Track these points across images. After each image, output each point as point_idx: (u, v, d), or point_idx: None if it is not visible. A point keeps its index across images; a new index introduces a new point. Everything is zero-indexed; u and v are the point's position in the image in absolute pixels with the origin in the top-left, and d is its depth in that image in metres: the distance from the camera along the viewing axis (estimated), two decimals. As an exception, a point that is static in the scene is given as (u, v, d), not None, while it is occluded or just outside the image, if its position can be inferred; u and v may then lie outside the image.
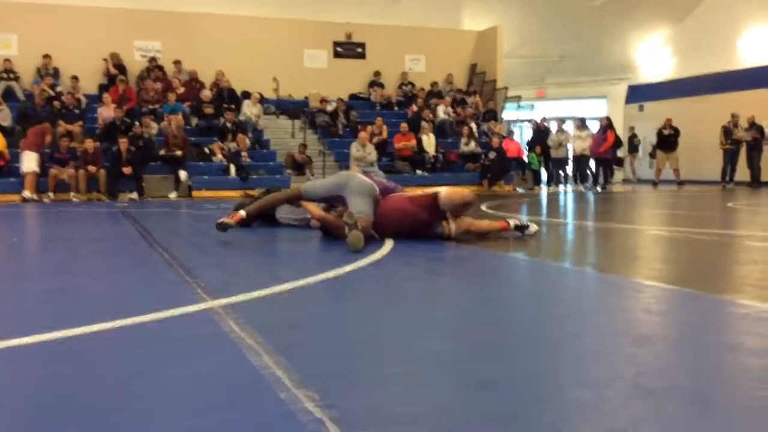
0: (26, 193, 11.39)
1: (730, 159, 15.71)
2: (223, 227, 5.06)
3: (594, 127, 16.17)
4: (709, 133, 16.34)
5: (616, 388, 1.77)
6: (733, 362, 2.06)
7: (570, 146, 15.61)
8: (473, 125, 16.14)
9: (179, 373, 1.94)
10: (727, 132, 15.67)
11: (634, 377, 1.86)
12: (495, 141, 15.10)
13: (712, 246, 5.12)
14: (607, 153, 15.51)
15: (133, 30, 15.64)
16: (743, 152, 15.66)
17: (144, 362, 2.07)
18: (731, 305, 2.85)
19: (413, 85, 17.71)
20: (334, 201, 5.18)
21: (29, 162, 11.58)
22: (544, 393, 1.77)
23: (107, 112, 13.39)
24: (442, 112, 16.38)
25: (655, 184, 16.37)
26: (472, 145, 15.42)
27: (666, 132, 16.31)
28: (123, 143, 12.14)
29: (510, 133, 17.10)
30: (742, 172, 15.62)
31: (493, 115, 17.09)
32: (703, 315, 2.72)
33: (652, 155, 16.91)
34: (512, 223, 5.23)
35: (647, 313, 2.74)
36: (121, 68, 15.04)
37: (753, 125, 15.45)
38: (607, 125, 15.64)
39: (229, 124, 13.90)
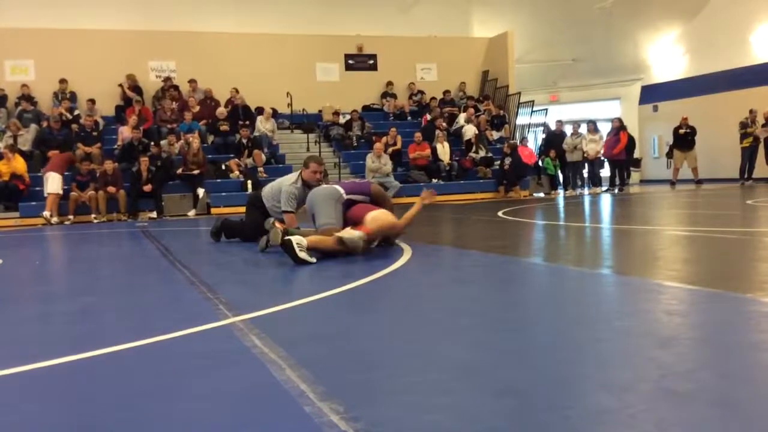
0: (46, 213, 11.45)
1: (748, 156, 15.53)
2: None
3: (605, 129, 16.07)
4: (725, 130, 16.20)
5: (640, 392, 1.77)
6: (758, 361, 2.04)
7: (585, 149, 15.54)
8: (487, 132, 16.11)
9: (203, 390, 1.96)
10: (743, 127, 15.50)
11: (658, 380, 1.85)
12: (506, 147, 15.05)
13: (732, 245, 5.08)
14: (621, 155, 15.43)
15: (147, 51, 15.88)
16: (761, 149, 15.49)
17: (168, 379, 2.10)
18: (754, 303, 2.83)
19: (423, 93, 17.73)
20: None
21: (54, 183, 11.69)
22: (568, 399, 1.77)
23: (128, 132, 13.52)
24: (464, 120, 16.23)
25: (673, 183, 16.23)
26: (483, 152, 15.37)
27: (683, 131, 16.17)
28: (144, 162, 12.28)
29: (524, 138, 17.04)
30: (761, 169, 15.45)
31: (501, 120, 17.05)
32: (726, 314, 2.70)
33: (669, 155, 16.76)
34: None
35: (669, 314, 2.73)
36: (137, 89, 15.23)
37: (770, 121, 15.29)
38: (620, 127, 15.55)
39: (244, 141, 14.02)
